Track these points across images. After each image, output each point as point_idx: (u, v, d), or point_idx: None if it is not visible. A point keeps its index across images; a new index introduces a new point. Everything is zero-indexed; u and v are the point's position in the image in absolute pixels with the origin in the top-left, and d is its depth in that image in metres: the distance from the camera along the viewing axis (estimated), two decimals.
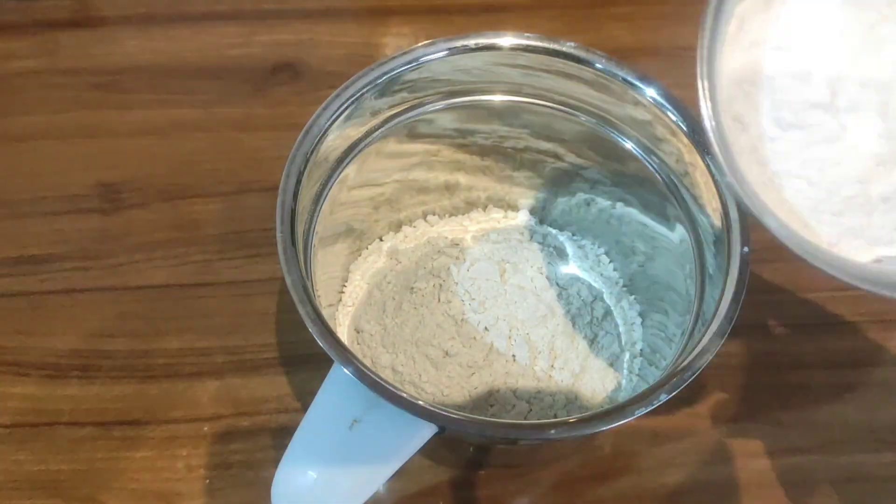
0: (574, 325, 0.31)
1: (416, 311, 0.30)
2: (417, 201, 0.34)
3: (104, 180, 0.38)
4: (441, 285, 0.31)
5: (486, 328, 0.30)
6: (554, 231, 0.34)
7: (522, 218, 0.35)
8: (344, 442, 0.23)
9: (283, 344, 0.34)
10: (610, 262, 0.34)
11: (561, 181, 0.34)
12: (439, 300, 0.31)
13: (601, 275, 0.33)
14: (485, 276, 0.31)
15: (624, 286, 0.33)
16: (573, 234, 0.34)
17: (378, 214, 0.33)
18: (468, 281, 0.31)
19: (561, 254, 0.33)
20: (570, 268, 0.33)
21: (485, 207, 0.35)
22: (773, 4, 0.23)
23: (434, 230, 0.34)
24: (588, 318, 0.31)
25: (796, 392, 0.33)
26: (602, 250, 0.34)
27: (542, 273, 0.32)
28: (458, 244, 0.33)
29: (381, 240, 0.34)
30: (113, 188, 0.38)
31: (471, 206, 0.35)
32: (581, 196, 0.33)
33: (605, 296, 0.32)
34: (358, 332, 0.31)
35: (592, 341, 0.31)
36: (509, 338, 0.30)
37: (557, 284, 0.32)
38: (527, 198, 0.35)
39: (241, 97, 0.41)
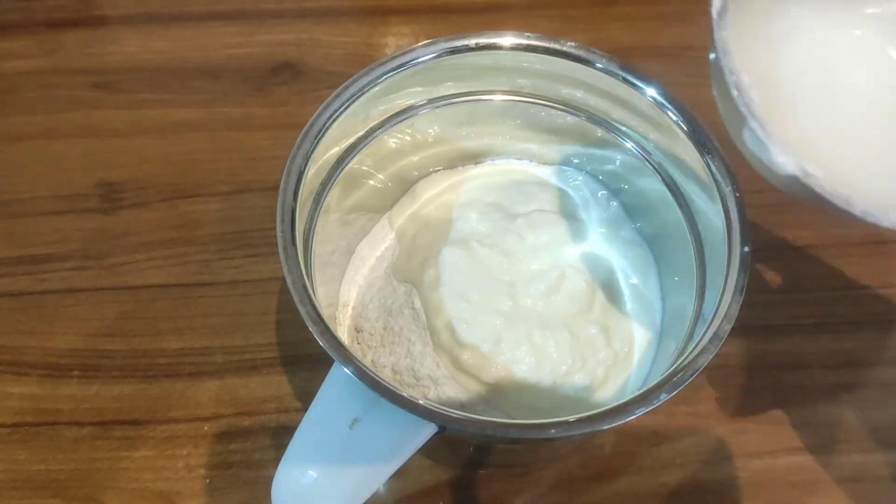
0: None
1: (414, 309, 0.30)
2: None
3: (104, 180, 0.38)
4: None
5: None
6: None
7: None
8: (344, 442, 0.23)
9: (283, 344, 0.34)
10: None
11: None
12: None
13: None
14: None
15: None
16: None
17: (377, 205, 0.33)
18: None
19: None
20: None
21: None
22: None
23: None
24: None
25: (796, 392, 0.33)
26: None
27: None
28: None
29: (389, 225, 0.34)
30: (113, 188, 0.38)
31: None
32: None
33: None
34: (358, 332, 0.31)
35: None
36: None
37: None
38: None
39: (241, 97, 0.42)
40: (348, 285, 0.32)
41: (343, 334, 0.31)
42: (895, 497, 0.31)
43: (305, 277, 0.24)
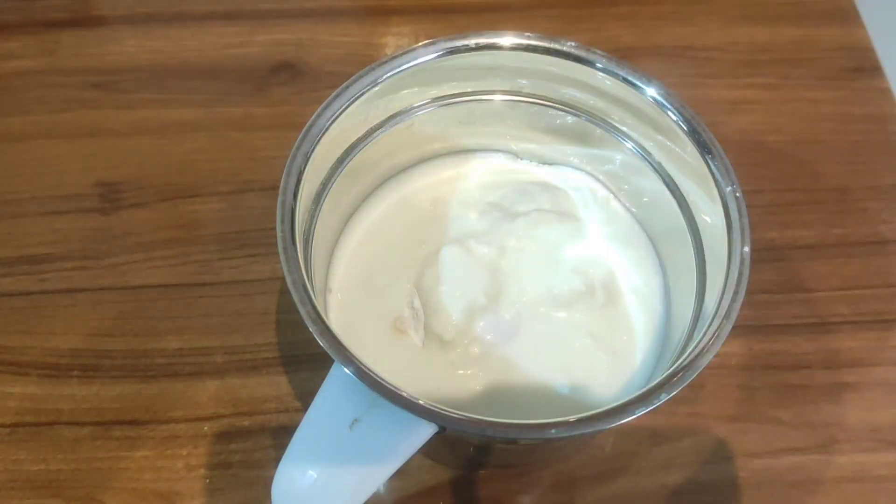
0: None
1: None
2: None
3: (104, 180, 0.38)
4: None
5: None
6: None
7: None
8: (344, 442, 0.23)
9: (283, 344, 0.34)
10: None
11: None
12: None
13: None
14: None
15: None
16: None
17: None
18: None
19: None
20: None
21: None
22: None
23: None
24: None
25: (796, 392, 0.33)
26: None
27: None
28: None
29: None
30: (113, 188, 0.38)
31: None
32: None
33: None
34: None
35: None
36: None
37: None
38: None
39: (241, 97, 0.41)
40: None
41: None
42: (895, 497, 0.31)
43: (305, 277, 0.24)
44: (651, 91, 0.28)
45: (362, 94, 0.28)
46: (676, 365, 0.24)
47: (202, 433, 0.32)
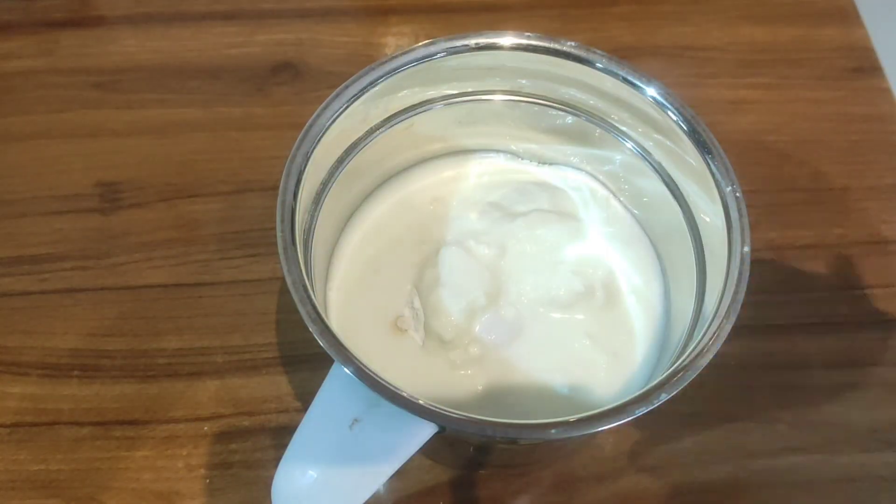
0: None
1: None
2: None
3: (104, 180, 0.38)
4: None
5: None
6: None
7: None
8: (344, 442, 0.23)
9: (283, 344, 0.34)
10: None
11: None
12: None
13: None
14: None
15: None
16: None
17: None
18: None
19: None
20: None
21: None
22: None
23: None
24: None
25: (796, 392, 0.33)
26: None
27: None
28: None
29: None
30: (113, 188, 0.38)
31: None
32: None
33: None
34: None
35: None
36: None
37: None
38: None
39: (241, 97, 0.41)
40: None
41: None
42: (895, 497, 0.31)
43: (305, 277, 0.24)
44: (651, 91, 0.28)
45: (362, 94, 0.28)
46: (676, 365, 0.24)
47: (202, 433, 0.32)
